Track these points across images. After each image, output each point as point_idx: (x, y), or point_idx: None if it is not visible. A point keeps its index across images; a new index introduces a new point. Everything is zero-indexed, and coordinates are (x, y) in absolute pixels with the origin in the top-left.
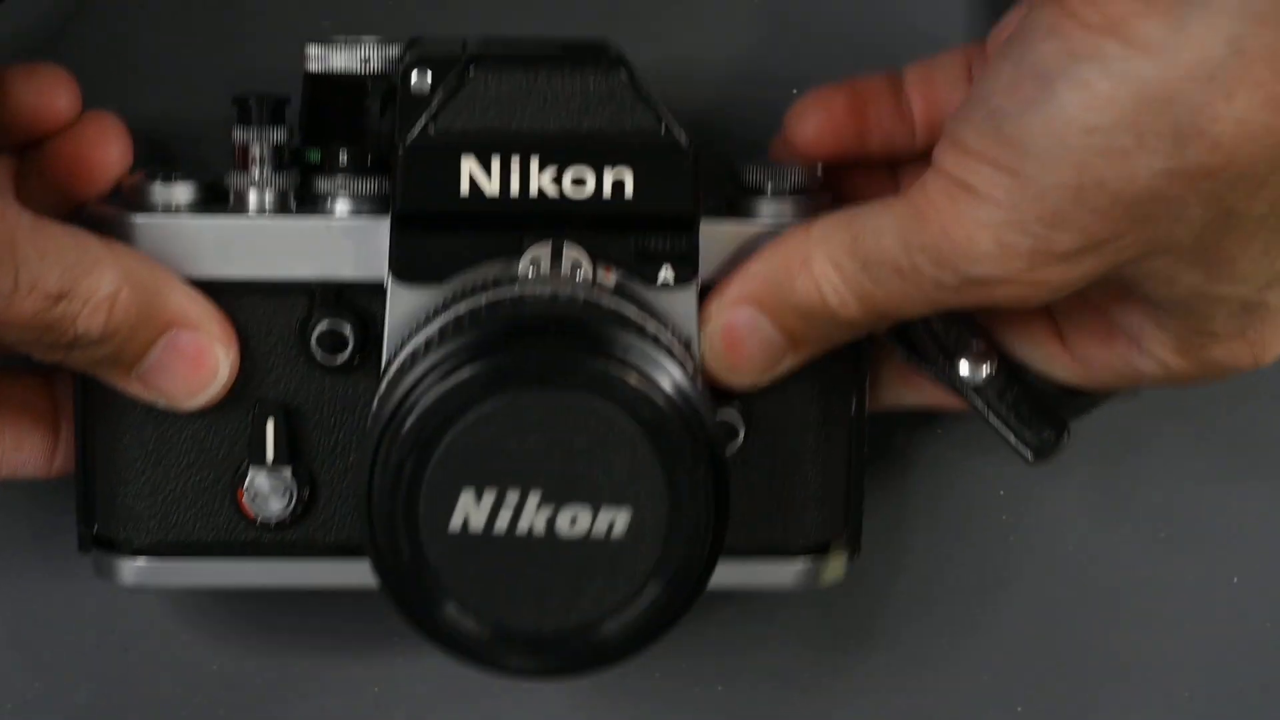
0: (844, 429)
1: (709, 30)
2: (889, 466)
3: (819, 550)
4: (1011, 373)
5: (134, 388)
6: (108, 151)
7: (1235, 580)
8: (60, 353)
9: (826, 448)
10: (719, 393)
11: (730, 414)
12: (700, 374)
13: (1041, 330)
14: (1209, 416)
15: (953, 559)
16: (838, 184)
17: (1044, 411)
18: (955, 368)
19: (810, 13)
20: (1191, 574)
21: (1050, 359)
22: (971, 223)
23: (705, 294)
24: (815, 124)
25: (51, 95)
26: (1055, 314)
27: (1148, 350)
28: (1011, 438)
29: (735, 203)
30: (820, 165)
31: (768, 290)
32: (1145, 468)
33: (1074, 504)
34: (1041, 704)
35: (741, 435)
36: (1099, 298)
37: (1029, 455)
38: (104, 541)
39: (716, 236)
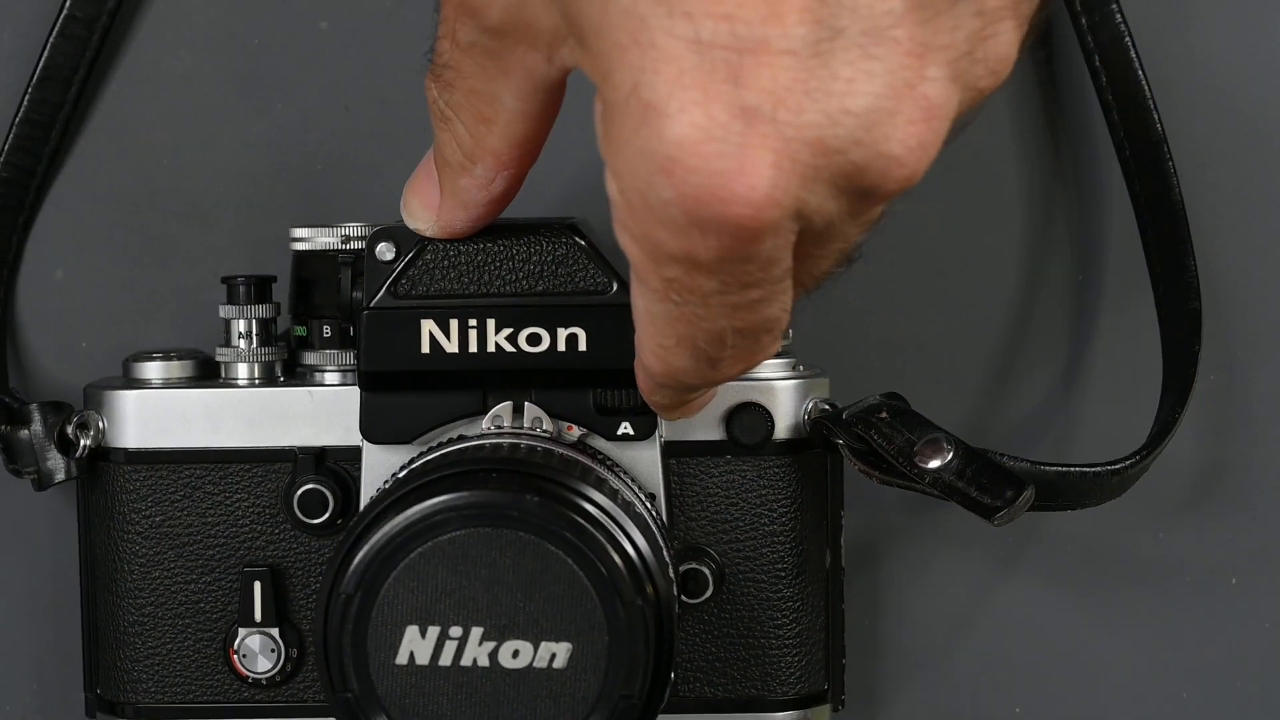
0: (820, 581)
1: None
2: None
3: (800, 704)
4: (968, 451)
5: None
6: None
7: (1234, 581)
8: None
9: (802, 600)
10: (694, 547)
11: (702, 564)
12: (661, 522)
13: None
14: (1208, 415)
15: (949, 561)
16: None
17: (1002, 475)
18: (916, 464)
19: None
20: (1191, 574)
21: None
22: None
23: (670, 448)
24: None
25: None
26: None
27: None
28: (974, 507)
29: None
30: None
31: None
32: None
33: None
34: (1041, 704)
35: (711, 586)
36: None
37: (992, 519)
38: (106, 705)
39: None
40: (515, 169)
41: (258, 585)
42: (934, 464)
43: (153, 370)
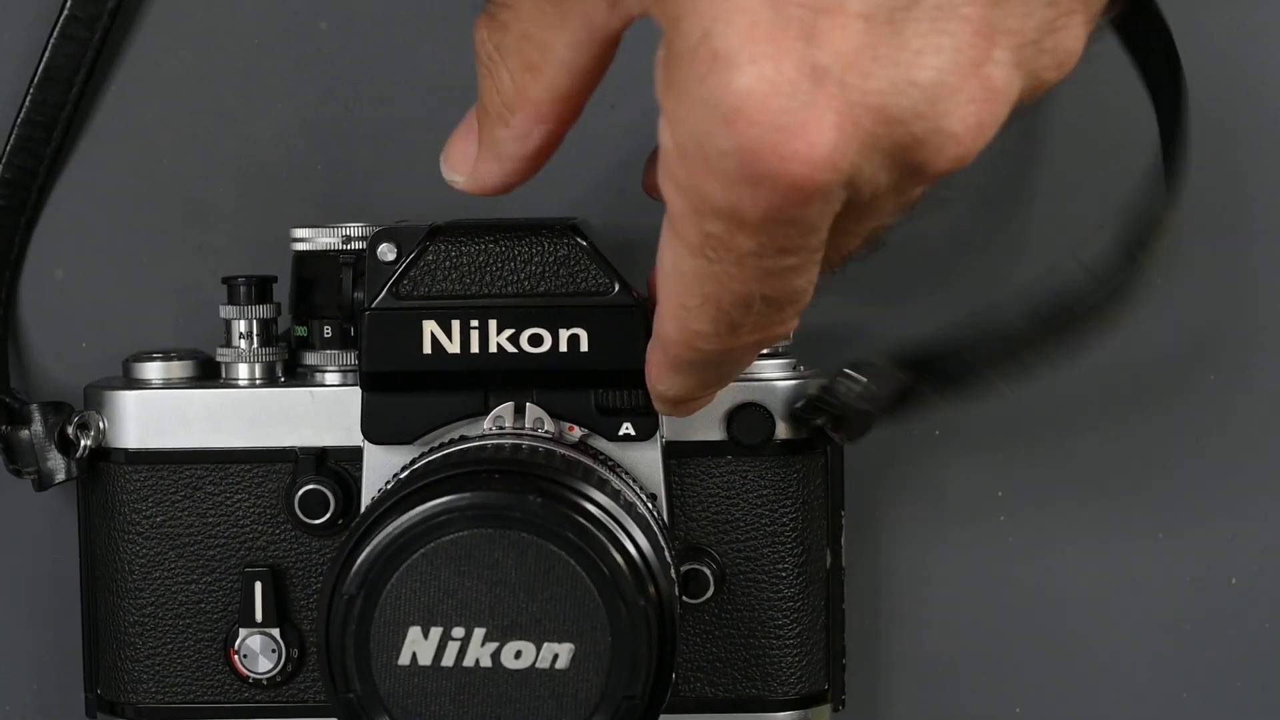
0: (820, 581)
1: None
2: (886, 470)
3: (801, 704)
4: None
5: None
6: None
7: (1234, 580)
8: None
9: (803, 600)
10: (695, 547)
11: (703, 564)
12: (663, 522)
13: None
14: (1208, 415)
15: (950, 560)
16: None
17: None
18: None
19: None
20: (1191, 574)
21: None
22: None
23: (671, 449)
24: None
25: None
26: None
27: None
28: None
29: None
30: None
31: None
32: (1144, 467)
33: (1072, 504)
34: (1041, 704)
35: (712, 586)
36: None
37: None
38: (106, 705)
39: None
40: (554, 124)
41: (258, 585)
42: (856, 389)
43: (153, 370)
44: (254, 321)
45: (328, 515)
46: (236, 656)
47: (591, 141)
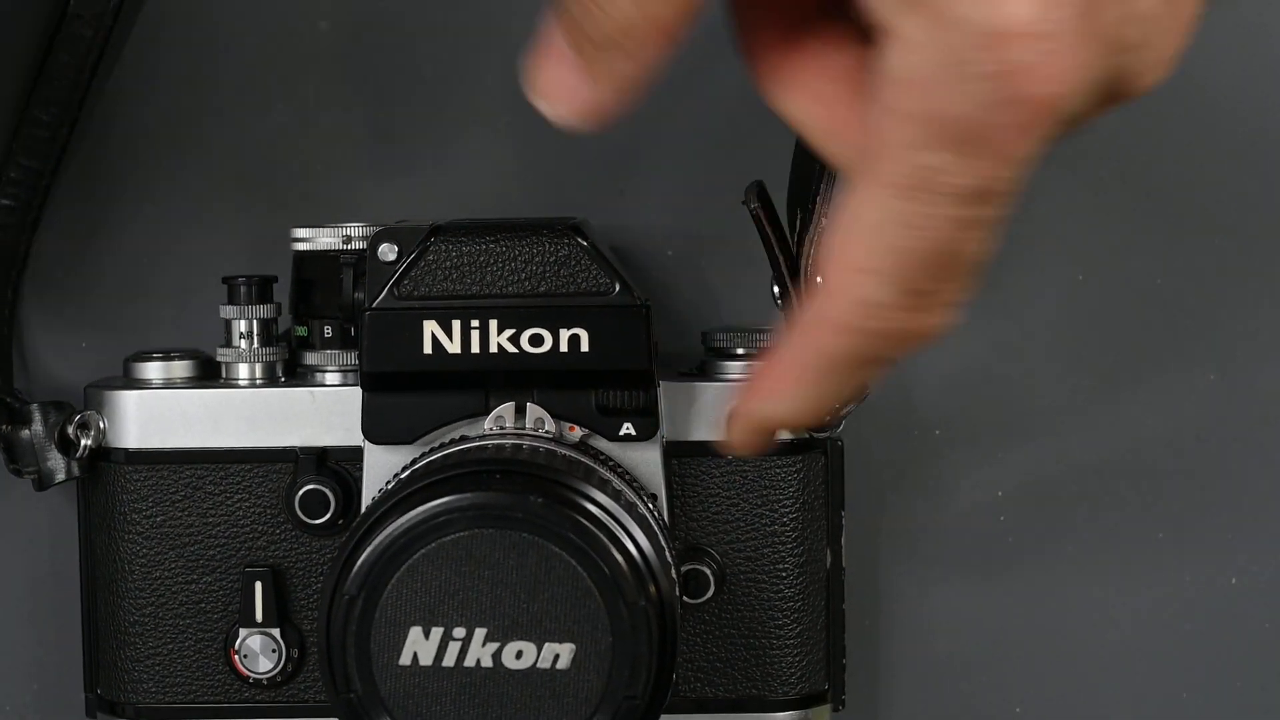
0: (821, 581)
1: None
2: (886, 470)
3: (801, 704)
4: None
5: None
6: None
7: (1234, 580)
8: None
9: (803, 600)
10: (695, 547)
11: (704, 564)
12: (663, 522)
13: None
14: (1208, 415)
15: (950, 560)
16: None
17: None
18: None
19: None
20: (1191, 574)
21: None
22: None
23: (672, 449)
24: None
25: None
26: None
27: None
28: None
29: (704, 365)
30: None
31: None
32: (1144, 467)
33: (1073, 503)
34: (1041, 704)
35: (713, 586)
36: None
37: None
38: (106, 705)
39: (681, 394)
40: (677, 41)
41: (259, 585)
42: None
43: (153, 370)
44: (254, 321)
45: (328, 515)
46: (237, 656)
47: (591, 141)
